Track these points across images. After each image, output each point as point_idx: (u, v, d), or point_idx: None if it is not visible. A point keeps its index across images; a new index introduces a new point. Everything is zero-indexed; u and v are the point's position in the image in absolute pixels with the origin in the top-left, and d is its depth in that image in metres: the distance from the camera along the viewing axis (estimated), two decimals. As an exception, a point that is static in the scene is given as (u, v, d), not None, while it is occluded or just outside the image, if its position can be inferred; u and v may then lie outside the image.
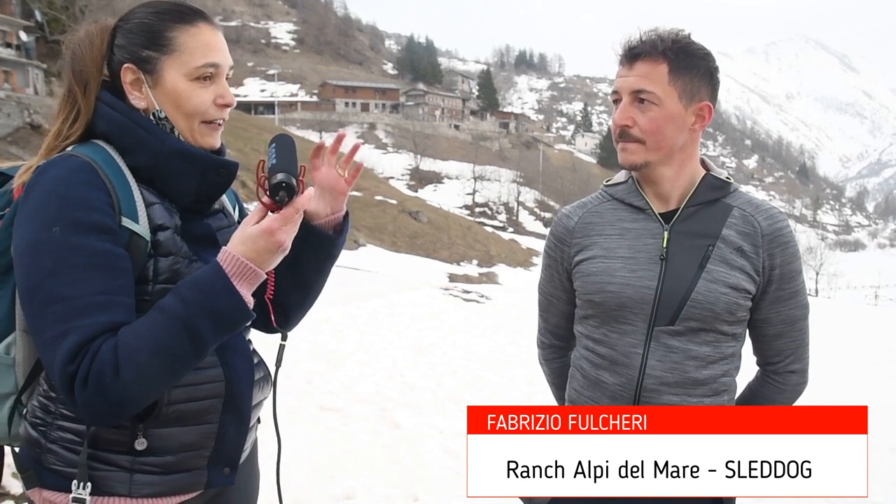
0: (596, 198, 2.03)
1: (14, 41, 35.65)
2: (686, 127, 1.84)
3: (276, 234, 1.43)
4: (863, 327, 21.40)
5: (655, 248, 1.84)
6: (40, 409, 1.51)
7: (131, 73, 1.54)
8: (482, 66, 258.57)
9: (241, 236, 1.44)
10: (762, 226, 1.83)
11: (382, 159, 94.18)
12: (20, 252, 1.40)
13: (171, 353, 1.36)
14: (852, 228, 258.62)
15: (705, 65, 1.83)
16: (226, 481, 1.61)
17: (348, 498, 4.51)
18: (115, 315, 1.37)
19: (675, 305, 1.80)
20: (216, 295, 1.39)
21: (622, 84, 1.82)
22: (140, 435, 1.47)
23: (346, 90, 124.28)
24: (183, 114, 1.55)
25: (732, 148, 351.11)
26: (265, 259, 1.44)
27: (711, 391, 1.83)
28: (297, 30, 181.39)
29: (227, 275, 1.40)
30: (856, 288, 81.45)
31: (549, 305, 2.15)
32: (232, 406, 1.58)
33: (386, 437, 5.88)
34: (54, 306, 1.34)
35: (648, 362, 1.81)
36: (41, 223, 1.38)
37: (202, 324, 1.37)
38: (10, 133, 27.08)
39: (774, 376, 1.95)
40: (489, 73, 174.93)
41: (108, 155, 1.50)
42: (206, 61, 1.54)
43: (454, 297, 20.62)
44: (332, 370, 8.21)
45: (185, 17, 1.55)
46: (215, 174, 1.58)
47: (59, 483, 1.48)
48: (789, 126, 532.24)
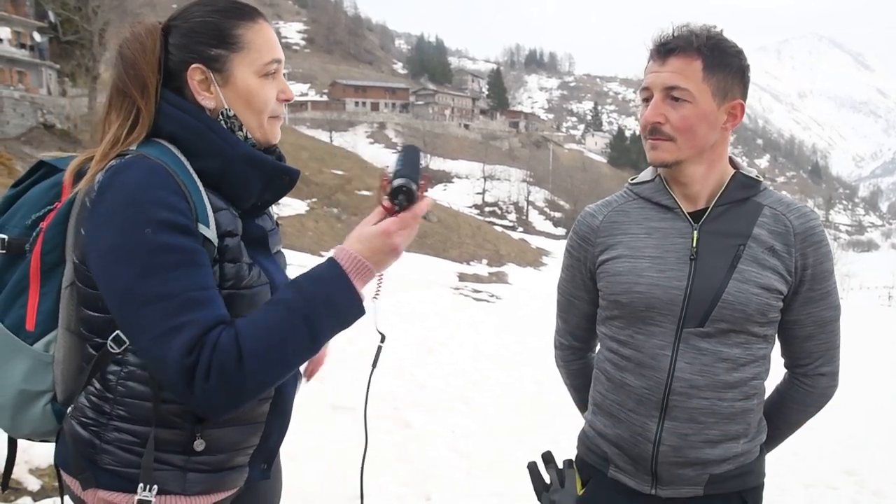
0: (621, 196, 1.98)
1: (28, 42, 35.86)
2: (718, 125, 1.78)
3: (392, 236, 1.45)
4: (877, 328, 21.24)
5: (685, 248, 1.79)
6: (92, 410, 1.50)
7: (199, 72, 1.53)
8: (492, 66, 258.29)
9: (358, 235, 1.47)
10: (794, 224, 1.78)
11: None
12: (104, 255, 1.38)
13: (292, 345, 1.38)
14: (865, 228, 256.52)
15: (738, 62, 1.77)
16: (262, 476, 1.65)
17: (359, 497, 4.51)
18: (218, 309, 1.39)
19: (705, 306, 1.74)
20: (336, 290, 1.42)
21: (654, 80, 1.76)
22: (199, 436, 1.49)
23: (357, 90, 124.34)
24: (254, 111, 1.56)
25: (744, 147, 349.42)
26: (379, 259, 1.46)
27: (742, 394, 1.77)
28: (308, 29, 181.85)
29: (346, 271, 1.43)
30: (869, 288, 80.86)
31: (569, 306, 2.10)
32: (279, 405, 1.61)
33: (397, 435, 5.88)
34: (156, 304, 1.34)
35: (677, 365, 1.76)
36: (127, 224, 1.36)
37: (322, 318, 1.40)
38: (23, 133, 27.26)
39: (804, 379, 1.90)
40: (499, 73, 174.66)
41: (176, 157, 1.48)
42: (273, 57, 1.56)
43: (464, 296, 20.60)
44: (343, 369, 8.21)
45: (248, 15, 1.56)
46: (279, 181, 1.59)
47: (116, 483, 1.48)
48: (802, 125, 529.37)
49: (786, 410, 1.94)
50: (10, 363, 1.52)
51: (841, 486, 5.78)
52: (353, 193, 45.24)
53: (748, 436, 1.82)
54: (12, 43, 35.08)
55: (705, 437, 1.76)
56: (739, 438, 1.80)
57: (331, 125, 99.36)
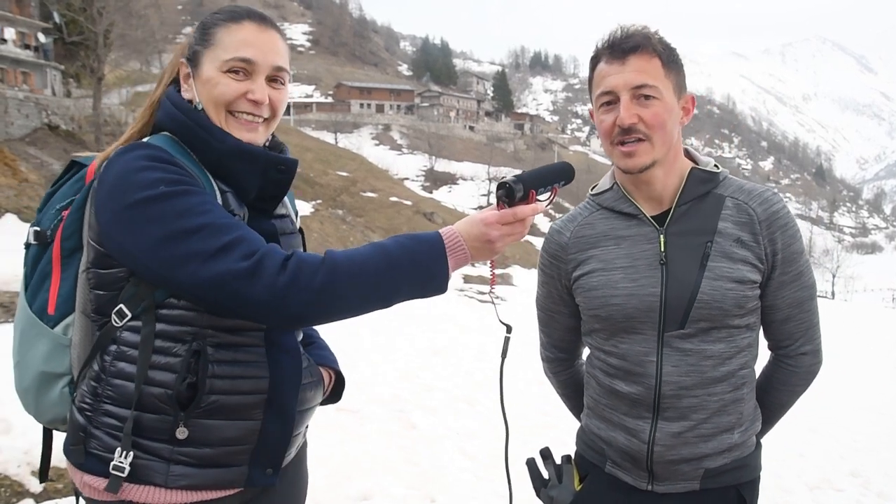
0: (585, 208, 1.98)
1: (33, 42, 35.97)
2: (678, 121, 1.80)
3: (490, 227, 1.52)
4: (882, 330, 21.18)
5: (654, 254, 1.80)
6: (89, 394, 1.53)
7: (184, 66, 1.64)
8: (497, 68, 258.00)
9: (468, 218, 1.55)
10: (758, 212, 1.78)
11: (397, 160, 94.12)
12: (123, 214, 1.43)
13: (373, 281, 1.43)
14: (869, 231, 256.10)
15: (680, 60, 1.80)
16: (267, 481, 1.61)
17: (365, 499, 4.52)
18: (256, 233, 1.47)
19: (682, 309, 1.74)
20: (430, 255, 1.48)
21: (618, 81, 1.73)
22: (182, 424, 1.48)
23: (362, 91, 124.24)
24: (211, 101, 1.59)
25: (748, 150, 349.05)
26: (474, 246, 1.53)
27: (732, 386, 1.78)
28: (313, 31, 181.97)
29: (445, 244, 1.48)
30: (873, 290, 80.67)
31: (550, 320, 2.12)
32: (276, 405, 1.59)
33: (402, 437, 5.89)
34: (199, 233, 1.39)
35: (664, 369, 1.77)
36: (140, 185, 1.43)
37: (407, 272, 1.45)
38: (28, 133, 27.30)
39: (787, 360, 1.91)
40: (504, 75, 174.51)
41: (180, 148, 1.57)
42: (237, 55, 1.58)
43: (469, 298, 20.61)
44: (347, 371, 8.21)
45: (234, 17, 1.62)
46: (275, 171, 1.61)
47: (98, 468, 1.50)
48: (806, 127, 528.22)
49: (774, 392, 1.95)
50: (35, 346, 1.60)
51: (846, 487, 5.78)
52: (358, 195, 45.27)
53: (742, 425, 1.83)
54: (17, 44, 35.20)
55: (699, 433, 1.77)
56: (733, 429, 1.81)
57: (336, 127, 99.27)
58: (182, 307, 1.49)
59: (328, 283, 1.40)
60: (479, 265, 28.90)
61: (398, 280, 1.45)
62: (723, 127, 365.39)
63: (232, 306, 1.40)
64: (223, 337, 1.52)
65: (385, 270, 1.44)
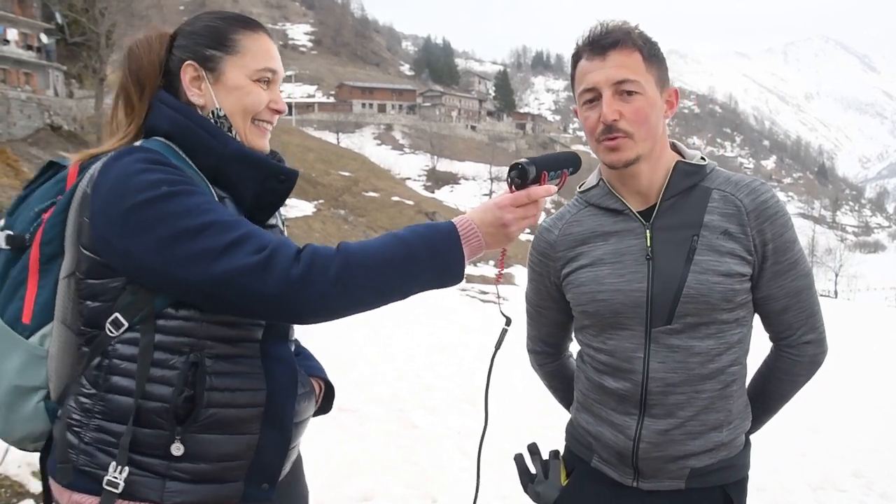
0: (573, 205, 1.98)
1: (35, 43, 36.01)
2: (662, 115, 1.79)
3: (504, 210, 1.50)
4: (884, 329, 21.16)
5: (640, 249, 1.78)
6: (78, 410, 1.48)
7: (192, 69, 1.58)
8: (499, 67, 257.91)
9: (481, 205, 1.54)
10: (745, 203, 1.75)
11: (399, 160, 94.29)
12: (125, 217, 1.39)
13: (389, 271, 1.42)
14: (872, 229, 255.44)
15: (662, 53, 1.79)
16: (263, 496, 1.57)
17: (366, 499, 4.52)
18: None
19: (668, 304, 1.73)
20: (446, 244, 1.46)
21: (600, 77, 1.71)
22: (177, 439, 1.44)
23: (363, 91, 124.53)
24: (240, 109, 1.59)
25: (750, 149, 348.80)
26: (488, 232, 1.52)
27: (720, 383, 1.76)
28: (315, 31, 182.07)
29: (459, 232, 1.47)
30: (876, 289, 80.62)
31: (538, 316, 2.12)
32: (273, 418, 1.55)
33: (402, 437, 5.89)
34: (207, 231, 1.37)
35: (651, 365, 1.75)
36: (141, 187, 1.39)
37: (424, 262, 1.44)
38: (30, 134, 27.37)
39: (790, 350, 1.87)
40: (506, 74, 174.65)
41: (175, 153, 1.54)
42: (267, 66, 1.61)
43: (471, 297, 20.60)
44: (347, 370, 8.22)
45: (250, 25, 1.64)
46: (275, 181, 1.59)
47: (89, 486, 1.45)
48: (808, 126, 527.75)
49: (776, 382, 1.92)
50: (7, 358, 1.50)
51: (849, 487, 5.76)
52: (360, 195, 45.31)
53: (731, 423, 1.81)
54: (19, 44, 35.24)
55: (686, 430, 1.76)
56: (721, 427, 1.79)
57: (338, 126, 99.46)
58: (181, 317, 1.45)
59: (343, 273, 1.37)
60: (480, 264, 28.94)
61: (415, 269, 1.44)
62: (725, 126, 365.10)
63: (245, 303, 1.38)
64: (221, 348, 1.48)
65: (402, 260, 1.42)
